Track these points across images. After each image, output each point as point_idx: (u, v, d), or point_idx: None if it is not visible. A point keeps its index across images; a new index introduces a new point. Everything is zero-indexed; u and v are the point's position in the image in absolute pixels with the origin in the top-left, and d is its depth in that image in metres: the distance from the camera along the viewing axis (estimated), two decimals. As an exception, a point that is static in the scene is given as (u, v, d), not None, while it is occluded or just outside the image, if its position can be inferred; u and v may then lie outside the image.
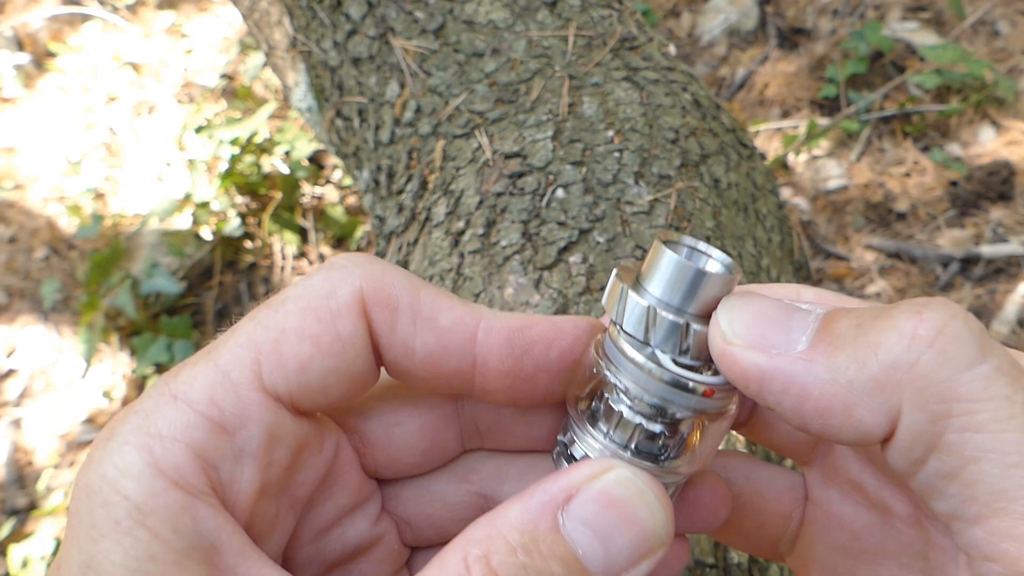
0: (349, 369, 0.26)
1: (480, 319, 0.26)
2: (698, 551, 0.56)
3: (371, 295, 0.26)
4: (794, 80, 2.00)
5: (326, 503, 0.28)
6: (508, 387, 0.27)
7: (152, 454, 0.23)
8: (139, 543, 0.22)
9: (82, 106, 2.39)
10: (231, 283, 2.05)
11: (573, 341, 0.27)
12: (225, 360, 0.24)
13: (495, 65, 0.82)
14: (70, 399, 1.95)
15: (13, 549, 1.65)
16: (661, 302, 0.26)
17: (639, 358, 0.26)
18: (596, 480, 0.24)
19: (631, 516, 0.24)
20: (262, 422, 0.24)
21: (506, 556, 0.22)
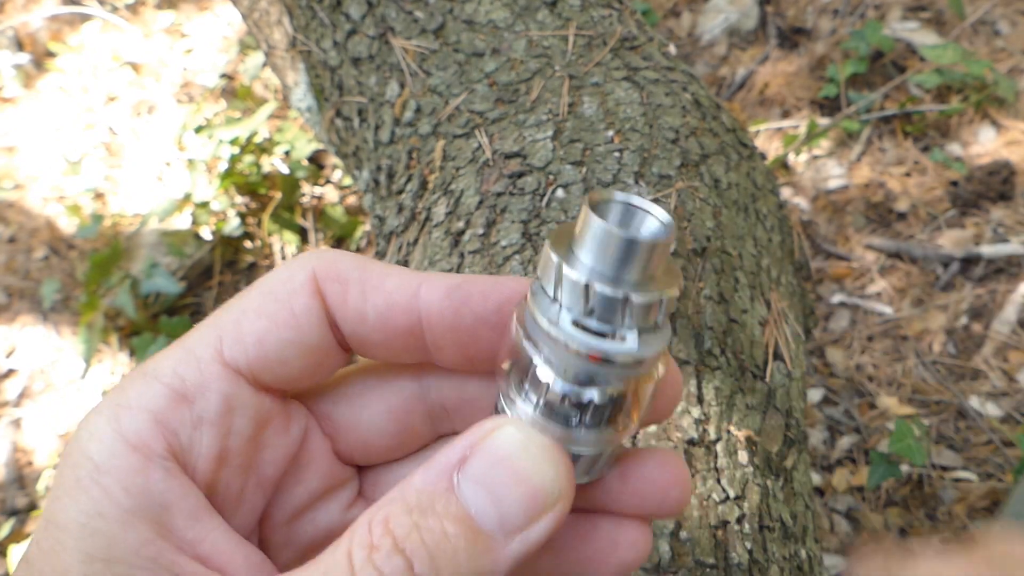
0: (304, 342, 0.27)
1: (423, 279, 0.28)
2: (699, 551, 0.55)
3: (323, 274, 0.28)
4: (794, 80, 2.00)
5: (297, 487, 0.30)
6: (454, 342, 0.28)
7: (118, 421, 0.25)
8: (91, 500, 0.24)
9: (82, 106, 2.38)
10: (231, 283, 2.05)
11: (510, 294, 0.28)
12: (191, 339, 0.27)
13: (495, 65, 0.82)
14: (70, 399, 1.95)
15: (13, 549, 1.64)
16: (579, 262, 0.24)
17: (539, 315, 0.25)
18: (486, 439, 0.24)
19: (518, 473, 0.24)
20: (220, 391, 0.26)
21: (403, 517, 0.23)
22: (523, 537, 0.24)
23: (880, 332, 1.63)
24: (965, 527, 1.37)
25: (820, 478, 1.47)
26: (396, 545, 0.23)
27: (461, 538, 0.23)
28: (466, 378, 0.30)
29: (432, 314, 0.28)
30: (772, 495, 0.63)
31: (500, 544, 0.24)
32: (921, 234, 1.73)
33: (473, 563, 0.23)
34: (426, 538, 0.23)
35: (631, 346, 0.24)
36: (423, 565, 0.23)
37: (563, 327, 0.24)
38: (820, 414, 1.54)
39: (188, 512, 0.25)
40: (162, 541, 0.24)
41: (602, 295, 0.24)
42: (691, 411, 0.61)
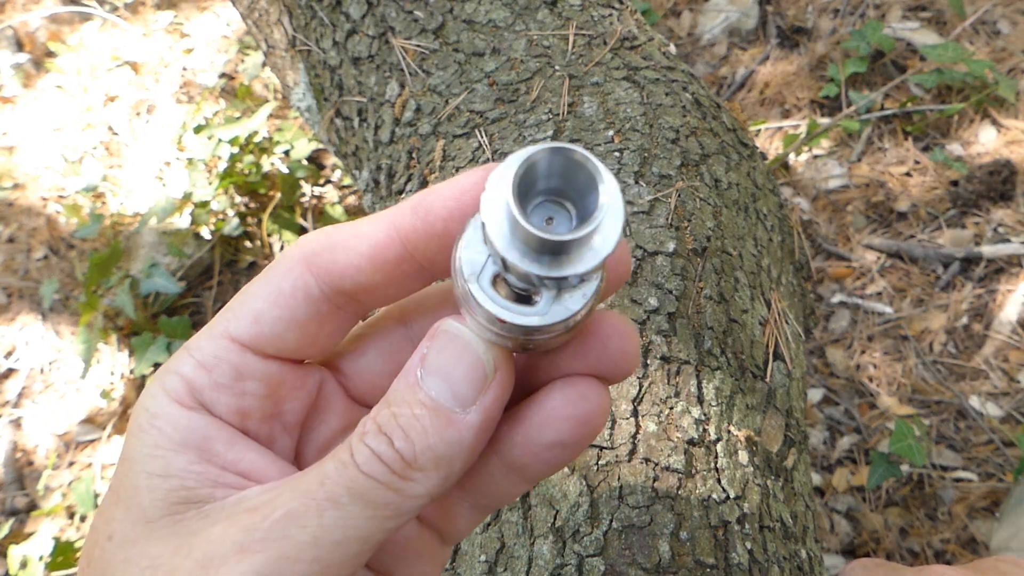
0: (294, 316, 0.32)
1: (391, 211, 0.32)
2: (699, 551, 0.55)
3: (310, 249, 0.32)
4: (794, 79, 2.00)
5: (320, 426, 0.36)
6: (438, 250, 0.31)
7: (163, 382, 0.32)
8: (150, 437, 0.31)
9: (81, 105, 2.38)
10: (230, 283, 2.05)
11: (466, 185, 0.31)
12: (214, 321, 0.33)
13: (495, 65, 0.82)
14: (69, 399, 1.94)
15: (12, 549, 1.64)
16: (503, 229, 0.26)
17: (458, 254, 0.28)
18: (434, 336, 0.30)
19: (459, 354, 0.29)
20: (230, 361, 0.32)
21: (383, 410, 0.29)
22: (479, 407, 0.29)
23: (880, 332, 1.63)
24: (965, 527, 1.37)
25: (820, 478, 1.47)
26: (379, 430, 0.29)
27: (426, 416, 0.29)
28: (439, 311, 0.36)
29: (409, 235, 0.31)
30: (772, 495, 0.63)
31: (460, 415, 0.29)
32: (921, 234, 1.73)
33: (440, 435, 0.29)
34: (400, 421, 0.29)
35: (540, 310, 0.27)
36: (400, 440, 0.29)
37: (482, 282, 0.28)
38: (820, 414, 1.54)
39: (225, 440, 0.32)
40: (206, 462, 0.31)
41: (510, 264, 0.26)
42: (691, 411, 0.61)
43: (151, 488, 0.30)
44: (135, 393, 1.90)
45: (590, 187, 0.26)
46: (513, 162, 0.26)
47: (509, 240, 0.26)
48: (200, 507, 0.30)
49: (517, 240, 0.26)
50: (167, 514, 0.30)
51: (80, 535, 1.72)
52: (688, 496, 0.57)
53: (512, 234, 0.26)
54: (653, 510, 0.56)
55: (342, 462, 0.29)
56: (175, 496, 0.30)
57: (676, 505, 0.57)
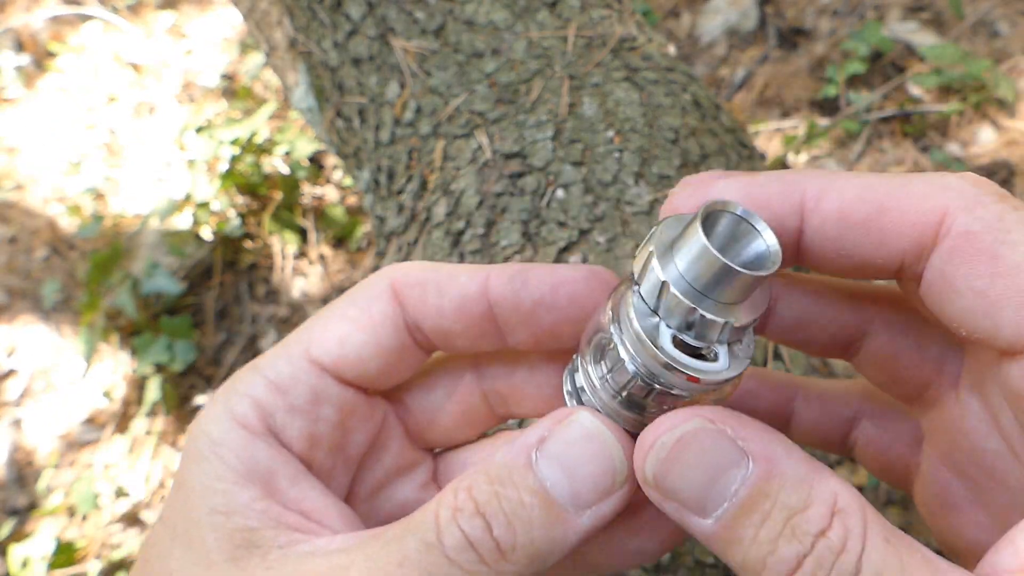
0: (380, 343, 0.31)
1: (489, 270, 0.32)
2: (699, 551, 0.56)
3: (401, 281, 0.32)
4: (794, 80, 2.00)
5: (377, 465, 0.34)
6: (520, 323, 0.31)
7: (228, 404, 0.30)
8: (211, 466, 0.29)
9: (82, 106, 2.39)
10: (231, 283, 2.05)
11: (567, 280, 0.31)
12: (289, 340, 0.32)
13: (495, 65, 0.82)
14: (70, 399, 1.95)
15: (13, 549, 1.65)
16: (679, 277, 0.25)
17: (637, 325, 0.26)
18: (564, 423, 0.28)
19: (591, 453, 0.27)
20: (308, 384, 0.31)
21: (484, 485, 0.26)
22: (593, 512, 0.27)
23: (879, 332, 1.63)
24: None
25: (820, 478, 1.47)
26: (477, 508, 0.26)
27: (536, 507, 0.26)
28: (515, 367, 0.34)
29: (499, 299, 0.31)
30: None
31: (572, 516, 0.27)
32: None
33: (546, 531, 0.26)
34: (504, 505, 0.26)
35: (722, 365, 0.26)
36: (500, 528, 0.26)
37: (661, 344, 0.26)
38: (820, 414, 1.54)
39: (289, 476, 0.30)
40: (269, 498, 0.29)
41: (704, 318, 0.25)
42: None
43: (214, 526, 0.28)
44: (136, 393, 1.90)
45: (752, 238, 0.26)
46: (677, 221, 0.26)
47: (692, 289, 0.25)
48: (264, 554, 0.28)
49: (701, 286, 0.25)
50: (230, 558, 0.28)
51: (81, 535, 1.73)
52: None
53: (698, 278, 0.25)
54: (652, 508, 0.56)
55: (426, 543, 0.26)
56: (238, 537, 0.28)
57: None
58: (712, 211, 0.26)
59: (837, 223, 0.27)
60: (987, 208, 0.25)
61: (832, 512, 0.24)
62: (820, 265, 0.29)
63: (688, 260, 0.25)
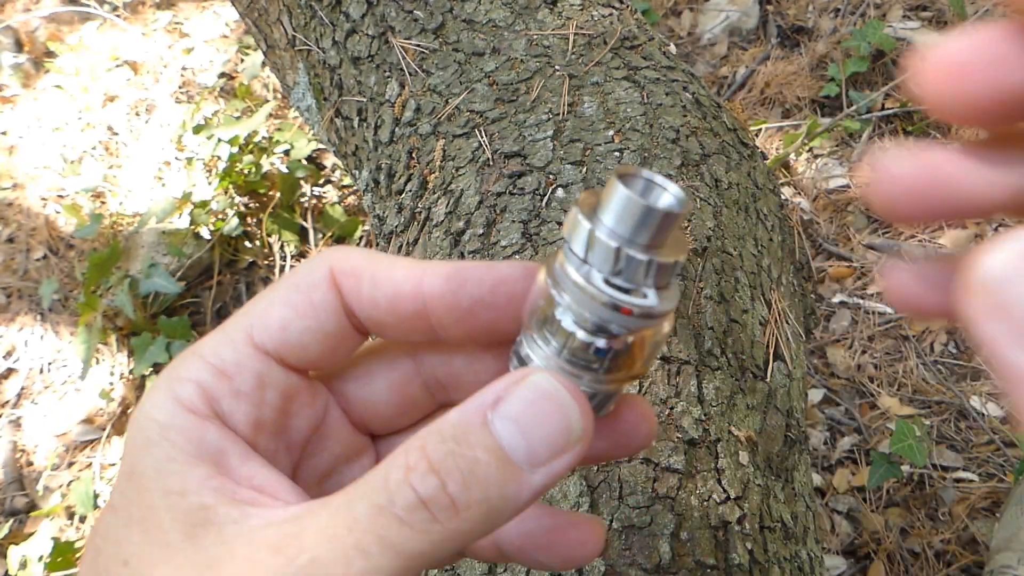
0: (322, 328, 0.32)
1: (425, 268, 0.32)
2: (699, 551, 0.55)
3: (339, 269, 0.32)
4: (795, 79, 2.00)
5: (322, 452, 0.35)
6: (455, 321, 0.32)
7: (173, 390, 0.30)
8: (162, 450, 0.29)
9: (80, 105, 2.38)
10: (230, 283, 2.05)
11: (505, 277, 0.31)
12: (228, 325, 0.32)
13: (495, 64, 0.82)
14: (68, 399, 1.94)
15: (12, 550, 1.64)
16: (605, 228, 0.28)
17: (573, 274, 0.29)
18: (520, 383, 0.28)
19: (548, 413, 0.27)
20: (252, 369, 0.31)
21: (438, 444, 0.27)
22: (547, 470, 0.27)
23: (881, 332, 1.63)
24: (966, 527, 1.37)
25: (821, 478, 1.46)
26: (431, 467, 0.26)
27: (492, 465, 0.26)
28: (453, 355, 0.35)
29: (434, 298, 0.31)
30: (773, 495, 0.63)
31: (526, 474, 0.27)
32: (922, 234, 1.73)
33: (500, 488, 0.27)
34: (459, 463, 0.26)
35: (652, 301, 0.29)
36: (455, 485, 0.26)
37: (595, 284, 0.28)
38: (821, 414, 1.54)
39: (239, 455, 0.30)
40: (222, 476, 0.30)
41: (631, 258, 0.28)
42: (692, 411, 0.61)
43: (170, 507, 0.29)
44: (135, 393, 1.90)
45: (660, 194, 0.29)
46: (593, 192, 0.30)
47: (618, 234, 0.28)
48: (219, 529, 0.28)
49: (626, 232, 0.28)
50: (186, 536, 0.28)
51: (80, 535, 1.72)
52: (688, 496, 0.57)
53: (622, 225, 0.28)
54: (653, 510, 0.56)
55: (376, 506, 0.26)
56: (194, 516, 0.28)
57: (676, 505, 0.57)
58: (624, 174, 0.29)
59: None
60: None
61: None
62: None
63: (610, 211, 0.28)
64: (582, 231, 0.28)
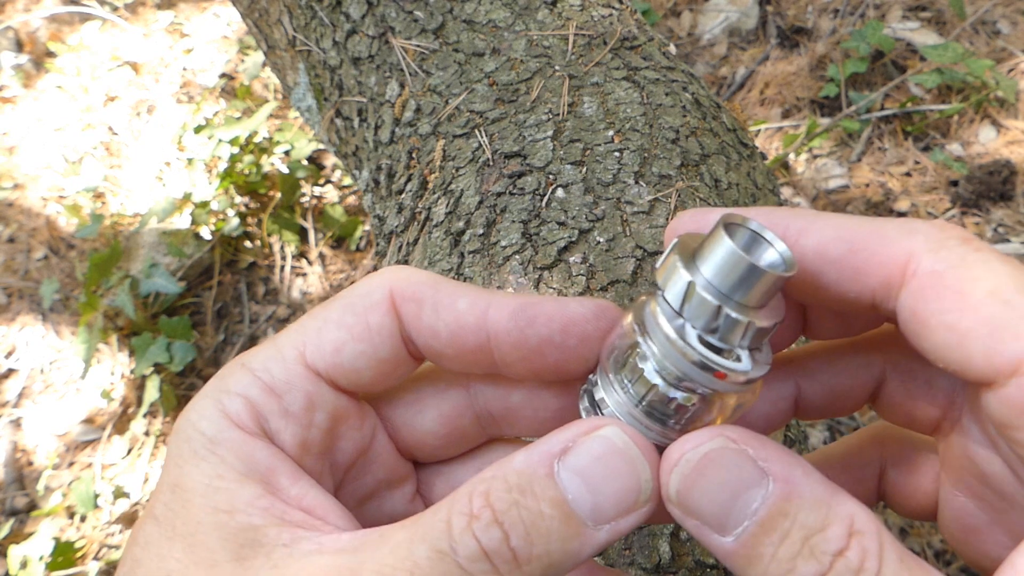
0: (376, 353, 0.31)
1: (491, 299, 0.31)
2: (699, 551, 0.55)
3: (399, 293, 0.31)
4: (795, 79, 2.00)
5: (365, 476, 0.34)
6: (520, 359, 0.31)
7: (222, 403, 0.29)
8: (211, 466, 0.28)
9: (81, 105, 2.38)
10: (230, 283, 2.05)
11: (576, 318, 0.30)
12: (281, 341, 0.31)
13: (495, 65, 0.82)
14: (69, 399, 1.95)
15: (12, 550, 1.64)
16: (705, 281, 0.26)
17: (665, 325, 0.27)
18: (590, 435, 0.27)
19: (617, 470, 0.26)
20: (303, 389, 0.30)
21: (503, 493, 0.26)
22: (611, 527, 0.26)
23: (880, 332, 1.63)
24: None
25: (820, 478, 1.47)
26: (495, 517, 0.25)
27: (556, 520, 0.26)
28: (511, 389, 0.33)
29: (499, 333, 0.30)
30: (772, 496, 0.63)
31: (590, 531, 0.26)
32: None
33: (563, 544, 0.26)
34: (523, 515, 0.25)
35: (746, 366, 0.27)
36: (519, 539, 0.25)
37: (689, 341, 0.27)
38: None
39: (289, 475, 0.29)
40: (272, 496, 0.29)
41: (729, 318, 0.26)
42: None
43: (217, 525, 0.28)
44: (135, 393, 1.90)
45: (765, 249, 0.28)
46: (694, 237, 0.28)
47: (716, 290, 0.26)
48: (268, 552, 0.28)
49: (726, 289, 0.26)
50: (234, 557, 0.27)
51: (80, 535, 1.72)
52: (688, 496, 0.57)
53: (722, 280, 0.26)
54: (653, 510, 0.56)
55: (438, 551, 0.25)
56: (243, 536, 0.28)
57: (676, 505, 0.57)
58: (729, 223, 0.27)
59: (815, 258, 0.28)
60: (951, 250, 0.27)
61: (850, 533, 0.24)
62: (802, 297, 0.30)
63: (712, 264, 0.26)
64: (680, 281, 0.27)
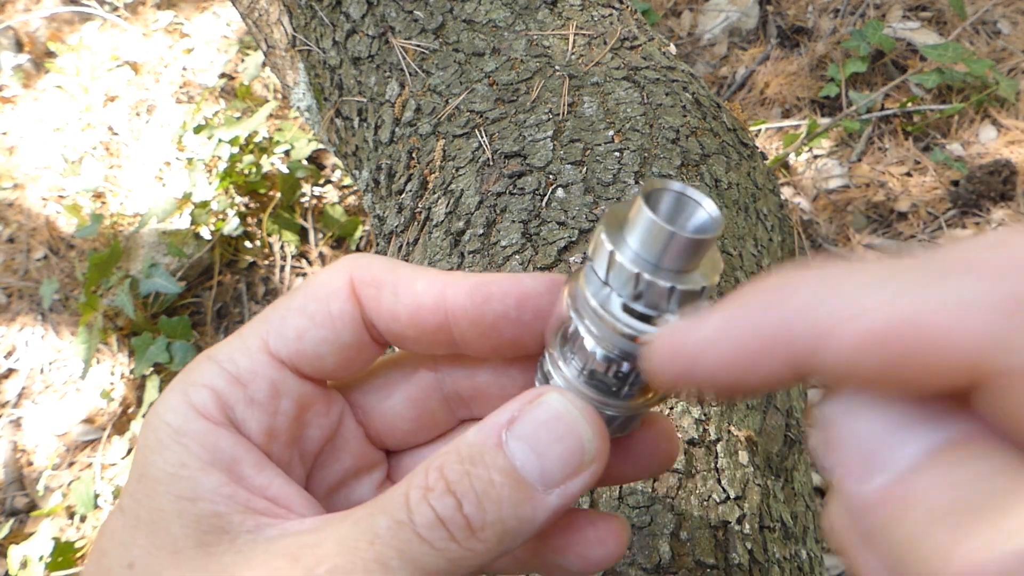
0: (338, 339, 0.31)
1: (448, 280, 0.31)
2: (699, 551, 0.55)
3: (359, 279, 0.31)
4: (795, 79, 2.00)
5: (334, 463, 0.34)
6: (479, 336, 0.31)
7: (187, 395, 0.30)
8: (175, 455, 0.29)
9: (81, 105, 2.38)
10: (230, 283, 2.05)
11: (530, 291, 0.31)
12: (244, 331, 0.31)
13: (495, 64, 0.82)
14: (69, 399, 1.94)
15: (12, 550, 1.64)
16: (629, 249, 0.26)
17: (590, 297, 0.27)
18: (534, 403, 0.28)
19: (561, 432, 0.27)
20: (267, 377, 0.31)
21: (455, 465, 0.27)
22: (561, 490, 0.27)
23: (880, 332, 1.63)
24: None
25: (820, 478, 1.47)
26: (448, 487, 0.27)
27: (506, 486, 0.27)
28: (477, 368, 0.34)
29: (457, 312, 0.31)
30: (773, 495, 0.63)
31: (540, 495, 0.27)
32: (922, 234, 1.73)
33: (515, 508, 0.27)
34: (475, 484, 0.27)
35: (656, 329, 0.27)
36: (471, 506, 0.26)
37: (613, 310, 0.27)
38: (820, 414, 1.54)
39: (254, 464, 0.30)
40: (236, 484, 0.29)
41: (650, 283, 0.26)
42: (691, 411, 0.61)
43: (180, 512, 0.28)
44: (135, 394, 1.90)
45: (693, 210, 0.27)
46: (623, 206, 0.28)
47: (641, 258, 0.26)
48: (232, 539, 0.28)
49: (650, 256, 0.26)
50: (197, 544, 0.28)
51: (80, 535, 1.72)
52: (688, 496, 0.57)
53: (646, 248, 0.26)
54: (653, 510, 0.56)
55: (397, 521, 0.27)
56: (206, 523, 0.28)
57: (676, 505, 0.57)
58: (652, 190, 0.27)
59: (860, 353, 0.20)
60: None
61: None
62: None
63: (635, 233, 0.26)
64: (603, 252, 0.27)
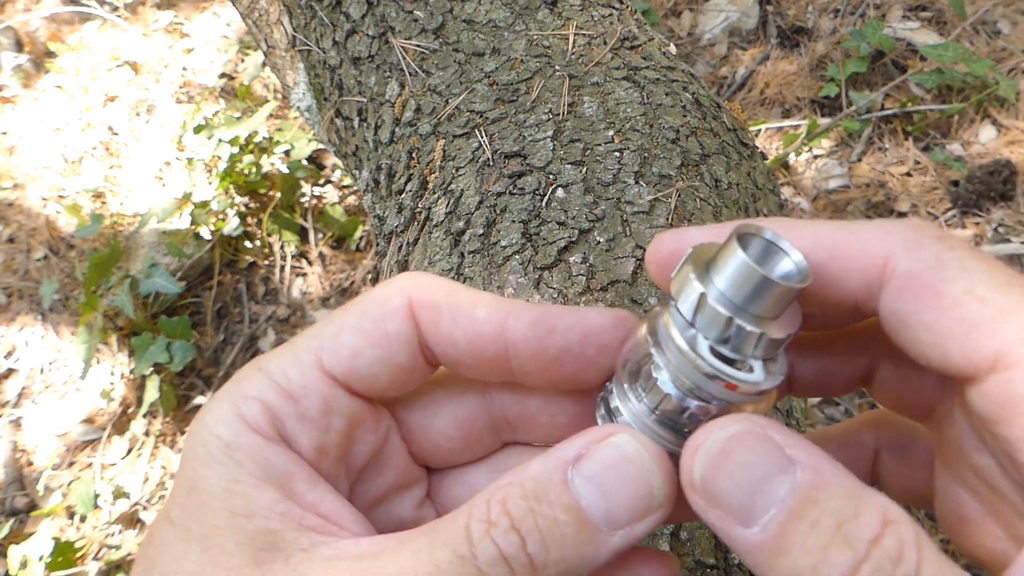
0: (393, 360, 0.31)
1: (510, 310, 0.31)
2: (699, 551, 0.55)
3: (418, 301, 0.31)
4: (795, 79, 2.00)
5: (377, 479, 0.34)
6: (538, 369, 0.31)
7: (238, 407, 0.29)
8: (228, 470, 0.28)
9: (81, 105, 2.38)
10: (230, 283, 2.05)
11: (594, 328, 0.30)
12: (298, 346, 0.31)
13: (495, 64, 0.82)
14: (69, 399, 1.94)
15: (12, 550, 1.64)
16: (718, 292, 0.26)
17: (677, 336, 0.27)
18: (603, 443, 0.27)
19: (631, 476, 0.27)
20: (320, 394, 0.30)
21: (519, 500, 0.26)
22: (625, 533, 0.27)
23: (880, 332, 1.63)
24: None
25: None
26: (512, 524, 0.26)
27: (570, 526, 0.26)
28: (528, 395, 0.34)
29: (518, 343, 0.30)
30: (773, 496, 0.63)
31: (604, 535, 0.27)
32: (921, 234, 1.73)
33: (578, 549, 0.26)
34: (539, 522, 0.26)
35: (759, 377, 0.27)
36: (535, 544, 0.26)
37: (701, 351, 0.27)
38: (820, 414, 1.54)
39: (306, 480, 0.30)
40: (289, 500, 0.29)
41: (741, 329, 0.26)
42: (692, 412, 0.61)
43: (235, 529, 0.28)
44: (135, 394, 1.90)
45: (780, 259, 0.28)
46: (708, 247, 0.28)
47: (729, 301, 0.26)
48: (286, 557, 0.28)
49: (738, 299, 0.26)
50: (252, 561, 0.28)
51: (80, 535, 1.72)
52: (688, 496, 0.57)
53: (735, 292, 0.26)
54: (653, 510, 0.56)
55: (459, 556, 0.26)
56: (260, 540, 0.28)
57: (676, 505, 0.57)
58: (743, 234, 0.27)
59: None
60: (926, 249, 0.27)
61: (884, 522, 0.24)
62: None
63: (724, 275, 0.26)
64: (692, 293, 0.27)
